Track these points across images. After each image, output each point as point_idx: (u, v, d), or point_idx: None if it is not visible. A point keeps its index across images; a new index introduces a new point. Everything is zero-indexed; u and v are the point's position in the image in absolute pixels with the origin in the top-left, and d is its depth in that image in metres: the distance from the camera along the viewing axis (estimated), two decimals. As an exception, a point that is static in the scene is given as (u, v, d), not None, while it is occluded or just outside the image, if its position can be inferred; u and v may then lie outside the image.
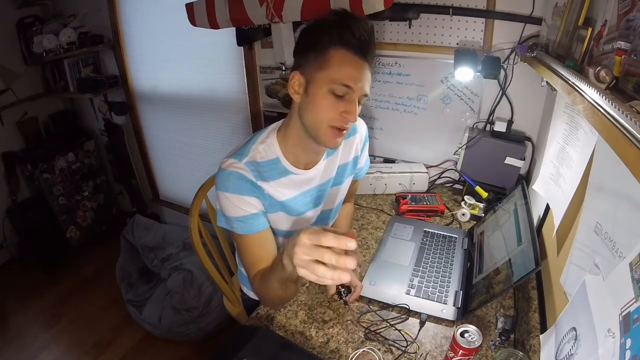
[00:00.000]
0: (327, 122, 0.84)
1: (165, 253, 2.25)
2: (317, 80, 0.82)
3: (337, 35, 0.80)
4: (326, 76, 0.81)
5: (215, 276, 1.21)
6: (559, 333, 0.67)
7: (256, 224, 0.91)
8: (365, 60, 0.82)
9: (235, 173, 0.88)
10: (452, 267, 1.07)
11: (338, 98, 0.82)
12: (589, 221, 0.67)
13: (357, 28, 0.80)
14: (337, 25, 0.81)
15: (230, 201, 0.88)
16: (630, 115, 0.42)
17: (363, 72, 0.82)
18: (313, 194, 1.02)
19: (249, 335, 0.78)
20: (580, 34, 0.70)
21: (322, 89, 0.82)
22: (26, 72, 2.49)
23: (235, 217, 0.89)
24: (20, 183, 2.61)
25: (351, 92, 0.82)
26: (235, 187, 0.88)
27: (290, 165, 0.94)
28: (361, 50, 0.81)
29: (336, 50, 0.80)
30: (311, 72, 0.83)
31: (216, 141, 2.30)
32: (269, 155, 0.93)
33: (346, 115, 0.83)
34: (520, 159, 1.33)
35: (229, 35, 1.75)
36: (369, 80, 0.85)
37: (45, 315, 2.23)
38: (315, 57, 0.82)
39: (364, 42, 0.81)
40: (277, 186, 0.94)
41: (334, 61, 0.80)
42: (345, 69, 0.80)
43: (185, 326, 1.94)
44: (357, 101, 0.84)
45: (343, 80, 0.80)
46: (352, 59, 0.81)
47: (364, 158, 1.15)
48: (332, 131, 0.85)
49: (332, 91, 0.81)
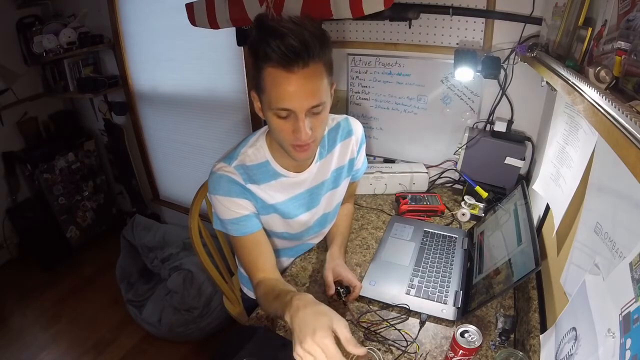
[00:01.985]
0: (285, 142, 0.83)
1: (165, 253, 2.25)
2: (264, 104, 0.80)
3: (260, 52, 0.73)
4: (266, 100, 0.78)
5: (215, 276, 1.21)
6: (559, 333, 0.67)
7: (249, 225, 0.92)
8: (305, 67, 0.72)
9: (225, 176, 0.89)
10: (452, 267, 1.07)
11: (284, 119, 0.78)
12: (589, 221, 0.67)
13: (273, 39, 0.70)
14: (257, 40, 0.73)
15: (222, 204, 0.89)
16: (630, 115, 0.42)
17: (300, 86, 0.74)
18: (305, 197, 1.01)
19: (249, 335, 0.78)
20: (580, 34, 0.70)
21: (268, 113, 0.79)
22: (26, 72, 2.49)
23: (228, 219, 0.90)
24: (20, 183, 2.62)
25: (291, 112, 0.77)
26: (226, 190, 0.89)
27: (280, 168, 0.94)
28: (288, 61, 0.71)
29: (265, 70, 0.74)
30: (258, 93, 0.81)
31: (216, 141, 2.30)
32: (259, 158, 0.93)
33: (296, 134, 0.79)
34: (520, 159, 1.33)
35: (229, 35, 1.75)
36: (314, 89, 0.76)
37: (45, 315, 2.24)
38: (256, 78, 0.78)
39: (290, 50, 0.70)
40: (268, 189, 0.94)
41: (266, 83, 0.75)
42: (277, 90, 0.74)
43: (185, 326, 1.94)
44: (312, 112, 0.78)
45: (278, 104, 0.76)
46: (282, 75, 0.73)
47: (360, 159, 1.14)
48: (295, 148, 0.83)
49: (276, 115, 0.78)
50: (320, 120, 0.81)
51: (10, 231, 2.62)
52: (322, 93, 0.78)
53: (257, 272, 0.91)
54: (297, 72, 0.72)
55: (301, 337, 0.61)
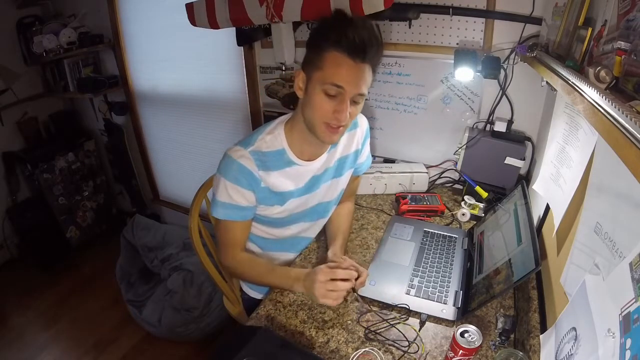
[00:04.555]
0: (321, 119, 0.89)
1: (165, 253, 2.25)
2: (313, 80, 0.87)
3: (332, 37, 0.83)
4: (320, 76, 0.85)
5: (215, 276, 1.21)
6: (559, 333, 0.67)
7: (240, 215, 0.99)
8: (363, 62, 0.84)
9: (237, 164, 0.93)
10: (452, 267, 1.07)
11: (330, 97, 0.86)
12: (589, 221, 0.67)
13: (351, 30, 0.81)
14: (333, 27, 0.84)
15: (226, 187, 0.95)
16: (630, 115, 0.42)
17: (356, 73, 0.85)
18: (308, 183, 1.06)
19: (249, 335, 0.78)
20: (580, 34, 0.70)
21: (316, 88, 0.86)
22: (26, 72, 2.49)
23: (222, 201, 0.96)
24: (20, 183, 2.61)
25: (342, 91, 0.85)
26: (234, 177, 0.94)
27: (294, 157, 0.99)
28: (356, 52, 0.82)
29: (330, 53, 0.83)
30: (310, 71, 0.87)
31: (216, 141, 2.30)
32: (275, 146, 0.98)
33: (337, 114, 0.87)
34: (520, 159, 1.33)
35: (229, 35, 1.75)
36: (365, 81, 0.87)
37: (45, 315, 2.23)
38: (314, 58, 0.86)
39: (360, 44, 0.82)
40: (280, 176, 0.99)
41: (327, 62, 0.84)
42: (337, 70, 0.84)
43: (185, 326, 1.94)
44: (354, 101, 0.88)
45: (333, 80, 0.84)
46: (345, 61, 0.83)
47: (365, 153, 1.18)
48: (327, 128, 0.90)
49: (325, 91, 0.85)
50: (356, 109, 0.91)
51: (10, 231, 2.62)
52: (367, 87, 0.89)
53: (236, 248, 1.04)
54: (357, 62, 0.84)
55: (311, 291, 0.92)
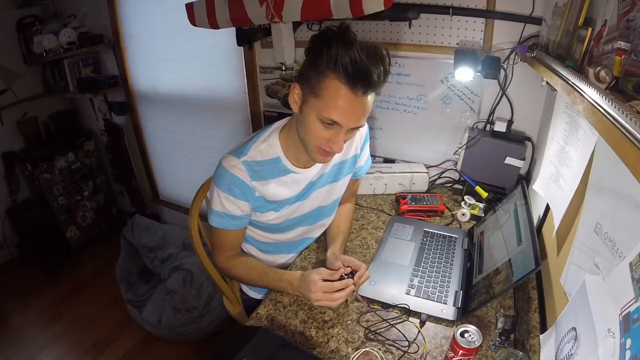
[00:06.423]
0: (314, 143, 0.87)
1: (165, 253, 2.25)
2: (309, 105, 0.83)
3: (333, 62, 0.75)
4: (318, 104, 0.81)
5: (215, 276, 1.21)
6: (559, 333, 0.67)
7: (233, 224, 0.98)
8: (364, 95, 0.79)
9: (230, 174, 0.92)
10: (452, 267, 1.07)
11: (326, 126, 0.83)
12: (589, 221, 0.67)
13: (356, 59, 0.74)
14: (337, 50, 0.75)
15: (220, 197, 0.94)
16: (630, 115, 0.42)
17: (356, 108, 0.80)
18: (304, 190, 1.04)
19: (249, 335, 0.78)
20: (580, 34, 0.70)
21: (312, 114, 0.83)
22: (26, 72, 2.49)
23: (217, 210, 0.96)
24: (20, 183, 2.61)
25: (338, 126, 0.82)
26: (227, 188, 0.93)
27: (290, 164, 0.97)
28: (359, 85, 0.76)
29: (330, 80, 0.77)
30: (307, 93, 0.83)
31: (216, 141, 2.30)
32: (270, 154, 0.95)
33: (331, 143, 0.86)
34: (520, 159, 1.33)
35: (229, 35, 1.75)
36: (366, 114, 0.83)
37: (45, 315, 2.23)
38: (311, 78, 0.80)
39: (364, 77, 0.75)
40: (276, 185, 0.97)
41: (326, 91, 0.79)
42: (335, 104, 0.79)
43: (185, 326, 1.94)
44: (351, 130, 0.86)
45: (330, 116, 0.80)
46: (345, 94, 0.77)
47: (364, 157, 1.16)
48: (320, 151, 0.88)
49: (320, 120, 0.82)
50: (353, 135, 0.92)
51: (10, 231, 2.62)
52: (367, 115, 0.85)
53: (229, 251, 1.06)
54: (358, 95, 0.78)
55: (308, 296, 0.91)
